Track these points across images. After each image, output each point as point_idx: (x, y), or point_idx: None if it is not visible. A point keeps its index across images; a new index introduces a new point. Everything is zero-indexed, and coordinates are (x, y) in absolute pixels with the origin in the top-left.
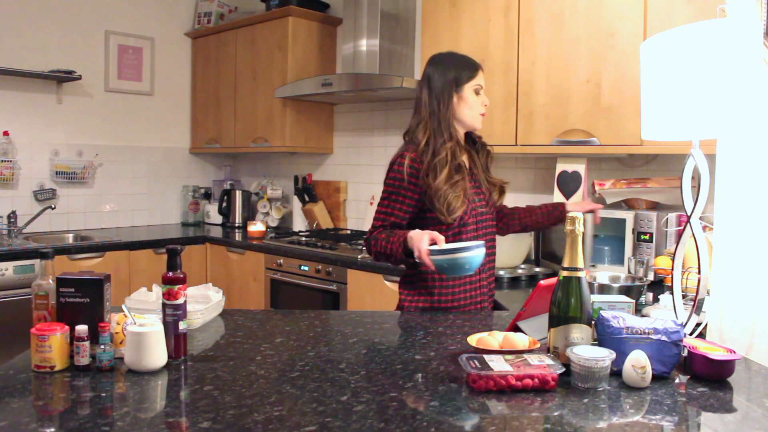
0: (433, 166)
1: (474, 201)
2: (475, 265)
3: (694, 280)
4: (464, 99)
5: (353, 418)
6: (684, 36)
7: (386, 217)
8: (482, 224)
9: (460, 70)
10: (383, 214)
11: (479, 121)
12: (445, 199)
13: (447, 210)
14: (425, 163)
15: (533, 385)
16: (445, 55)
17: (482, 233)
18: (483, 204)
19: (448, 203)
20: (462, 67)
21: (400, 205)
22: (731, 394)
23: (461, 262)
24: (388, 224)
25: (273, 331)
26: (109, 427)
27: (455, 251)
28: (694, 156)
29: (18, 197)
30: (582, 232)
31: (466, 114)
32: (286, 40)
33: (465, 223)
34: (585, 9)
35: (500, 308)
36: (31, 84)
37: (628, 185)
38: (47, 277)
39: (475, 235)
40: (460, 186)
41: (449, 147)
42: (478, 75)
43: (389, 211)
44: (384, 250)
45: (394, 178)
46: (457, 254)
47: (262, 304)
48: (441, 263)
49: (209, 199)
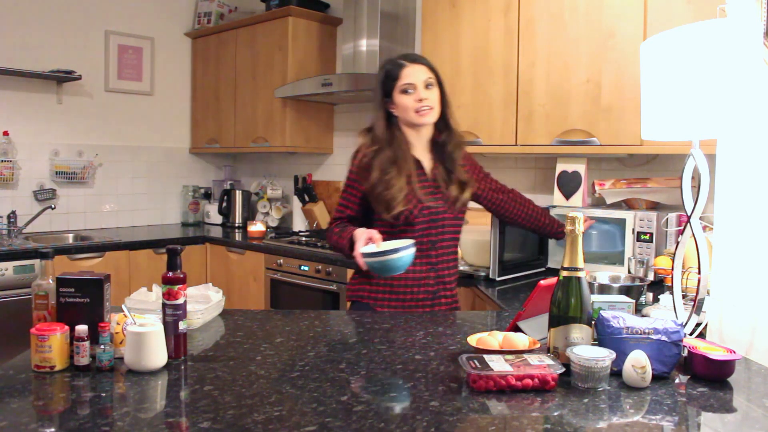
0: (374, 163)
1: (426, 200)
2: (404, 265)
3: (694, 280)
4: (396, 104)
5: (353, 418)
6: (684, 36)
7: (344, 209)
8: (437, 223)
9: (385, 81)
10: (342, 206)
11: (417, 118)
12: (381, 196)
13: (385, 207)
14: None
15: (533, 385)
16: (382, 64)
17: (435, 233)
18: (440, 203)
19: (385, 200)
20: (387, 74)
21: (354, 198)
22: (731, 394)
23: (390, 264)
24: (345, 216)
25: (273, 331)
26: (109, 427)
27: (383, 254)
28: (694, 156)
29: (18, 197)
30: (582, 232)
31: (403, 116)
32: (286, 40)
33: (411, 222)
34: (585, 9)
35: (500, 308)
36: (31, 84)
37: (628, 185)
38: (47, 277)
39: (424, 233)
40: (398, 183)
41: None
42: (403, 75)
43: (345, 203)
44: (335, 244)
45: (350, 171)
46: (385, 257)
47: (262, 304)
48: (372, 264)
49: (209, 199)
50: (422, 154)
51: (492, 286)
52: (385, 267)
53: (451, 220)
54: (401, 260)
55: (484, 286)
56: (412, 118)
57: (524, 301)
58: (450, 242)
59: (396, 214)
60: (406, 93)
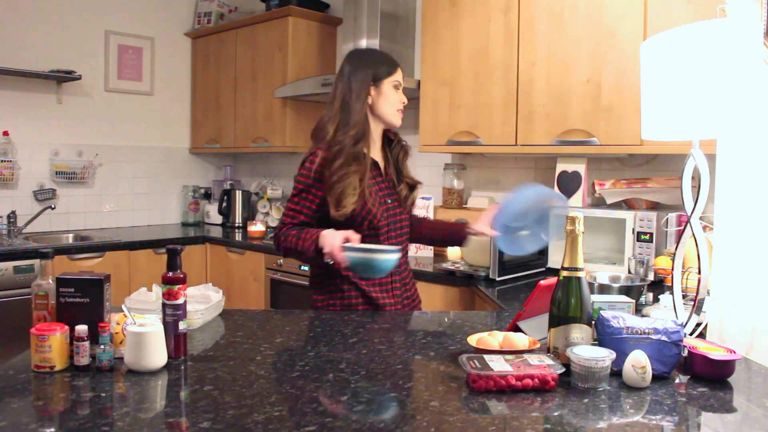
0: (332, 157)
1: (386, 203)
2: (388, 269)
3: (694, 280)
4: (383, 93)
5: (353, 418)
6: (684, 36)
7: (296, 215)
8: (395, 225)
9: (379, 66)
10: (293, 212)
11: (397, 118)
12: (334, 190)
13: (336, 202)
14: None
15: (533, 385)
16: (365, 50)
17: (395, 234)
18: (396, 204)
19: (337, 195)
20: (381, 63)
21: (309, 204)
22: (731, 394)
23: (375, 263)
24: (298, 222)
25: (273, 331)
26: (109, 427)
27: (371, 251)
28: (694, 156)
29: (18, 197)
30: (582, 232)
31: (384, 108)
32: (286, 40)
33: (376, 226)
34: (585, 9)
35: (500, 308)
36: (31, 84)
37: (628, 185)
38: (47, 277)
39: (386, 236)
40: (352, 179)
41: (351, 134)
42: (398, 72)
43: (299, 209)
44: (294, 247)
45: (304, 175)
46: (373, 254)
47: (262, 304)
48: (355, 260)
49: (209, 199)
50: (376, 153)
51: (492, 286)
52: (369, 265)
53: (406, 221)
54: (386, 262)
55: (484, 286)
56: (391, 114)
57: (524, 301)
58: (406, 243)
59: (347, 211)
60: (396, 89)
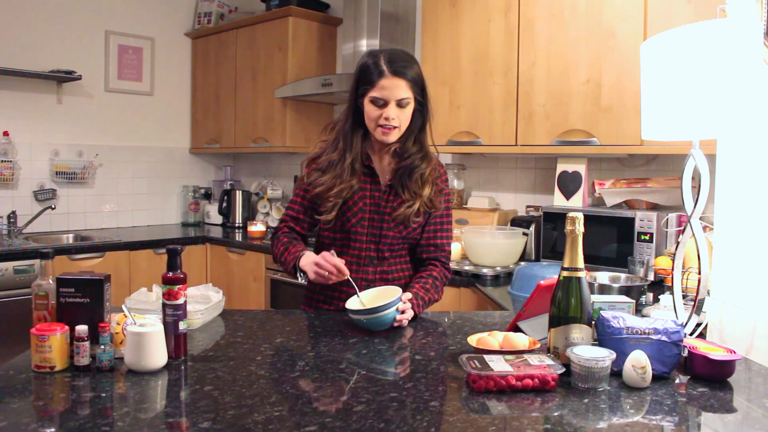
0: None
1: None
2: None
3: (694, 280)
4: (364, 108)
5: (353, 418)
6: (684, 36)
7: (295, 215)
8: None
9: (358, 80)
10: (292, 211)
11: (379, 135)
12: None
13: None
14: None
15: (533, 386)
16: (365, 56)
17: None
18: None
19: (321, 201)
20: (361, 75)
21: (299, 206)
22: (731, 395)
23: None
24: (293, 221)
25: (273, 331)
26: (109, 427)
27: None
28: (694, 156)
29: (18, 197)
30: (582, 232)
31: (367, 124)
32: (286, 40)
33: (348, 230)
34: (585, 9)
35: (500, 308)
36: (31, 84)
37: (628, 185)
38: (47, 277)
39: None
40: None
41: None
42: (377, 86)
43: (296, 208)
44: (280, 256)
45: (300, 178)
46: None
47: (262, 304)
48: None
49: (209, 199)
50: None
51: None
52: (377, 323)
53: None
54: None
55: (484, 286)
56: (373, 130)
57: (524, 301)
58: (398, 258)
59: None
60: (374, 104)
